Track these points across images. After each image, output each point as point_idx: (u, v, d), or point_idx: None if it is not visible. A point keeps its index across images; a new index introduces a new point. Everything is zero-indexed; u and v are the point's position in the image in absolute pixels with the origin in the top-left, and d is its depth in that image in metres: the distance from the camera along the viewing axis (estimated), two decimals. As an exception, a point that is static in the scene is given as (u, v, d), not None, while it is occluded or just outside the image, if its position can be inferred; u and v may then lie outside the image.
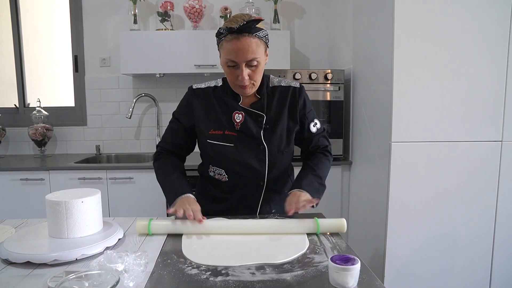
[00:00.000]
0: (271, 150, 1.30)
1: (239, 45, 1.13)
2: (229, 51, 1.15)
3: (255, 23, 1.13)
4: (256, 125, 1.29)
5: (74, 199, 1.03)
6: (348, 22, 2.52)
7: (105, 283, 0.73)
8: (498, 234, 1.94)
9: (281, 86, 1.35)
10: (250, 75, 1.19)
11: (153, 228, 1.14)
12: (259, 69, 1.21)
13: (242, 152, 1.29)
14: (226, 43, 1.16)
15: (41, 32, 3.05)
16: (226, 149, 1.29)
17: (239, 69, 1.18)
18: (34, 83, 3.05)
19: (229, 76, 1.23)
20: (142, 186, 2.42)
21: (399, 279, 1.95)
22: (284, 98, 1.33)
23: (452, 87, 1.85)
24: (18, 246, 0.97)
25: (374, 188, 2.08)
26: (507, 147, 1.90)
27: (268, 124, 1.30)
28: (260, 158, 1.30)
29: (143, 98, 2.92)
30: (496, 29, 1.82)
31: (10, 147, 2.97)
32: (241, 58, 1.15)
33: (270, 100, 1.32)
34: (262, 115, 1.30)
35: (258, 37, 1.16)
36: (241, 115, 1.28)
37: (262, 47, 1.19)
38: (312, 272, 0.88)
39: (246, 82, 1.20)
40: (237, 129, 1.29)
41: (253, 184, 1.34)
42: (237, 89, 1.25)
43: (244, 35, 1.13)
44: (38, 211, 2.28)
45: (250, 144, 1.29)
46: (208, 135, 1.30)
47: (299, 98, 1.34)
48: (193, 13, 2.75)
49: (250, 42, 1.14)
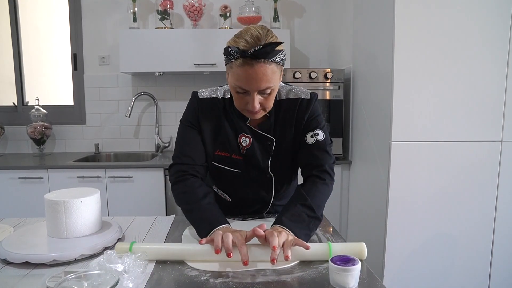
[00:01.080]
0: (277, 180, 1.21)
1: (252, 74, 0.96)
2: (239, 77, 0.99)
3: (273, 47, 0.96)
4: (263, 151, 1.17)
5: (73, 199, 1.02)
6: (348, 21, 2.51)
7: (105, 283, 0.73)
8: (497, 234, 1.94)
9: (288, 99, 1.16)
10: (261, 103, 1.04)
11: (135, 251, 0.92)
12: (272, 96, 1.05)
13: (247, 179, 1.19)
14: (236, 67, 0.98)
15: (40, 30, 3.04)
16: (233, 174, 1.18)
17: (249, 96, 1.02)
18: (33, 81, 3.04)
19: (237, 102, 1.07)
20: (142, 185, 2.41)
21: (399, 279, 1.95)
22: (290, 116, 1.15)
23: (452, 86, 1.84)
24: (17, 246, 0.96)
25: (374, 187, 2.08)
26: (507, 147, 1.90)
27: (276, 150, 1.17)
28: (267, 187, 1.22)
29: (142, 97, 2.92)
30: (496, 29, 1.82)
31: (9, 146, 2.96)
32: (253, 87, 0.99)
33: (277, 118, 1.16)
34: (272, 139, 1.16)
35: (275, 62, 0.98)
36: (248, 139, 1.15)
37: (278, 73, 1.02)
38: (312, 273, 0.88)
39: (256, 110, 1.04)
40: (243, 153, 1.16)
41: (258, 205, 1.29)
42: (245, 113, 1.10)
43: (259, 61, 0.95)
44: (37, 209, 2.28)
45: (256, 171, 1.19)
46: (213, 156, 1.17)
47: (306, 110, 1.15)
48: (193, 11, 2.74)
49: (266, 69, 0.97)
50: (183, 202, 1.11)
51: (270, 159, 1.17)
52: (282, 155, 1.18)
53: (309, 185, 1.11)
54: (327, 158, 1.14)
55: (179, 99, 2.97)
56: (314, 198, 1.07)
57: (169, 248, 0.97)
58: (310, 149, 1.14)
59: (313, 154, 1.14)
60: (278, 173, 1.20)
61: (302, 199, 1.06)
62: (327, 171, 1.13)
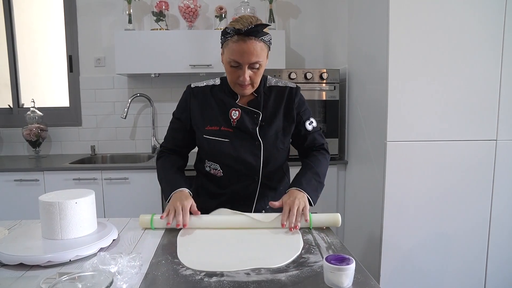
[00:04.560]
0: (266, 145, 1.33)
1: (245, 48, 1.17)
2: (234, 51, 1.19)
3: (262, 28, 1.17)
4: (252, 122, 1.32)
5: (67, 200, 1.02)
6: (343, 22, 2.52)
7: (98, 284, 0.73)
8: (493, 232, 1.95)
9: (278, 86, 1.38)
10: (251, 77, 1.23)
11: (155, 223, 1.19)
12: (260, 72, 1.25)
13: (237, 147, 1.31)
14: (232, 43, 1.18)
15: (35, 32, 3.03)
16: (221, 144, 1.32)
17: (241, 70, 1.21)
18: (28, 83, 3.03)
19: (230, 75, 1.26)
20: (138, 187, 2.41)
21: (395, 278, 1.95)
22: (280, 98, 1.36)
23: (447, 86, 1.85)
24: (11, 248, 0.96)
25: (370, 187, 2.09)
26: (501, 146, 1.91)
27: (263, 122, 1.33)
28: (255, 153, 1.33)
29: (138, 98, 2.91)
30: (490, 28, 1.83)
31: (4, 148, 2.95)
32: (245, 60, 1.19)
33: (267, 99, 1.35)
34: (258, 113, 1.33)
35: (263, 41, 1.20)
36: (237, 112, 1.31)
37: (266, 51, 1.23)
38: (307, 272, 0.88)
39: (246, 82, 1.23)
40: (233, 126, 1.32)
41: (248, 180, 1.36)
42: (236, 88, 1.28)
43: (250, 38, 1.17)
44: (33, 212, 2.27)
45: (246, 140, 1.32)
46: (204, 131, 1.34)
47: (295, 97, 1.37)
48: (188, 12, 2.74)
49: (256, 45, 1.18)
50: (159, 174, 1.38)
51: (258, 127, 1.33)
52: (270, 126, 1.34)
53: (313, 158, 1.39)
54: (323, 140, 1.45)
55: (175, 100, 2.92)
56: (319, 167, 1.35)
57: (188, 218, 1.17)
58: (311, 133, 1.41)
59: (314, 137, 1.42)
60: (266, 140, 1.34)
61: (310, 168, 1.34)
62: (325, 148, 1.44)
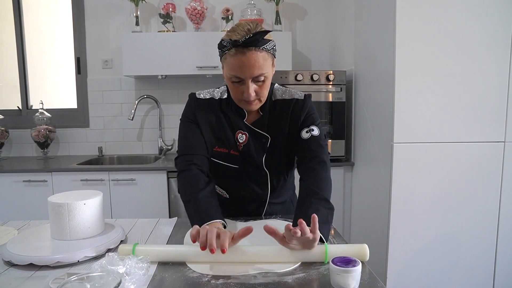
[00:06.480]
0: (273, 176, 1.25)
1: (245, 61, 1.02)
2: (233, 66, 1.04)
3: (262, 35, 1.02)
4: (259, 148, 1.21)
5: (76, 201, 1.03)
6: (350, 23, 2.52)
7: (106, 285, 0.73)
8: (501, 235, 1.94)
9: (284, 100, 1.21)
10: (256, 91, 1.09)
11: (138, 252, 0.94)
12: (266, 84, 1.10)
13: (244, 175, 1.24)
14: (230, 57, 1.04)
15: (43, 34, 3.07)
16: (231, 170, 1.22)
17: (245, 85, 1.07)
18: (37, 85, 3.06)
19: (234, 92, 1.12)
20: (145, 188, 2.42)
21: (402, 280, 1.94)
22: (285, 115, 1.20)
23: (454, 87, 1.84)
24: (21, 248, 0.97)
25: (376, 189, 2.08)
26: (509, 148, 1.89)
27: (270, 147, 1.21)
28: (263, 183, 1.26)
29: (145, 100, 2.93)
30: (498, 29, 1.82)
31: (13, 149, 2.99)
32: (247, 74, 1.04)
33: (272, 117, 1.21)
34: (267, 137, 1.20)
35: (266, 50, 1.04)
36: (244, 135, 1.20)
37: (270, 60, 1.08)
38: (313, 275, 0.88)
39: (252, 98, 1.09)
40: (240, 150, 1.21)
41: (255, 202, 1.31)
42: (242, 104, 1.14)
43: (250, 49, 1.02)
44: (41, 212, 2.29)
45: (252, 167, 1.23)
46: (212, 152, 1.21)
47: (302, 111, 1.20)
48: (195, 14, 2.75)
49: (257, 56, 1.03)
50: (183, 193, 1.14)
51: (264, 155, 1.21)
52: (277, 153, 1.22)
53: (312, 179, 1.13)
54: (322, 150, 1.17)
55: (182, 102, 2.98)
56: (322, 189, 1.10)
57: (171, 249, 0.97)
58: (305, 143, 1.17)
59: (309, 147, 1.17)
60: (273, 169, 1.24)
61: (313, 194, 1.08)
62: (323, 161, 1.16)
